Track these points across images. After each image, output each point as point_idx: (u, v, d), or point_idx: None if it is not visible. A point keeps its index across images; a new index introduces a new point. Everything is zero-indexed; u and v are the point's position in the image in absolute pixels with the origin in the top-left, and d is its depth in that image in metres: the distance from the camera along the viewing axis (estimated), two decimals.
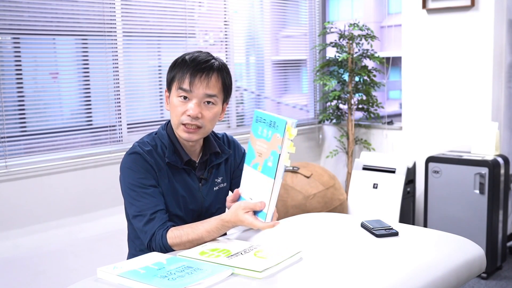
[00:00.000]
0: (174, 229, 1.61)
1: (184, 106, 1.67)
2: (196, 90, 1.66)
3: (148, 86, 3.54)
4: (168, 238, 1.59)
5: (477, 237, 3.41)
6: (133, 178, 1.66)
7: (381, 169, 3.94)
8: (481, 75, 3.73)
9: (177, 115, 1.68)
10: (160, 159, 1.71)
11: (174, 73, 1.69)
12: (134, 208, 1.65)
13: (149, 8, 3.45)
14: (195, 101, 1.66)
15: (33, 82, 3.03)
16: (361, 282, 1.34)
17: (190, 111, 1.65)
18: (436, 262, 1.49)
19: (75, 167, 3.08)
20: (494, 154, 3.54)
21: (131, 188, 1.66)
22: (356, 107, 4.29)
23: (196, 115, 1.66)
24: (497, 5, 3.66)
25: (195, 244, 1.58)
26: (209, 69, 1.67)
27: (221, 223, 1.57)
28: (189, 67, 1.66)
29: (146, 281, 1.29)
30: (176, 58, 1.74)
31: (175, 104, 1.68)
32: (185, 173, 1.75)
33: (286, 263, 1.41)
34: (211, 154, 1.80)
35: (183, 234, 1.59)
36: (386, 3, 4.60)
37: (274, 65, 4.48)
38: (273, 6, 4.37)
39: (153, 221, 1.62)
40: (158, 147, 1.73)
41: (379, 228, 1.69)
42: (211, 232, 1.58)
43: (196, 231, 1.58)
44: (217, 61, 1.71)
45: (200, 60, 1.68)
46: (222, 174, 1.84)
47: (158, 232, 1.61)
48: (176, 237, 1.59)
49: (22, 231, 2.88)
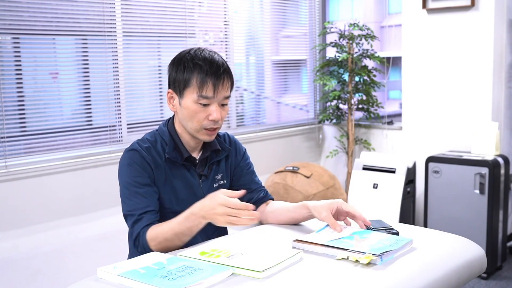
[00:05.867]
0: (154, 227, 1.61)
1: (206, 111, 1.66)
2: (218, 95, 1.66)
3: (148, 86, 3.54)
4: (147, 236, 1.60)
5: (477, 237, 3.41)
6: (127, 176, 1.67)
7: (381, 169, 3.94)
8: (481, 75, 3.73)
9: (198, 121, 1.67)
10: (158, 156, 1.71)
11: (188, 76, 1.65)
12: (125, 207, 1.67)
13: (149, 8, 3.45)
14: (216, 105, 1.67)
15: (33, 82, 3.03)
16: (361, 282, 1.34)
17: (213, 115, 1.66)
18: (436, 262, 1.49)
19: (75, 167, 3.08)
20: (494, 154, 3.54)
21: (125, 186, 1.67)
22: (356, 107, 4.29)
23: (219, 119, 1.68)
24: (497, 5, 3.66)
25: (173, 242, 1.58)
26: (225, 73, 1.68)
27: (189, 211, 1.56)
28: (209, 73, 1.64)
29: (146, 281, 1.28)
30: (180, 57, 1.70)
31: (194, 109, 1.66)
32: (185, 169, 1.75)
33: (286, 263, 1.41)
34: (212, 152, 1.81)
35: (159, 232, 1.59)
36: (386, 3, 4.60)
37: (274, 65, 4.48)
38: (273, 6, 4.37)
39: (140, 221, 1.63)
40: (158, 143, 1.73)
41: (379, 228, 1.69)
42: (181, 223, 1.56)
43: (170, 225, 1.58)
44: (222, 59, 1.71)
45: (216, 64, 1.66)
46: (222, 171, 1.84)
47: (141, 232, 1.61)
48: (153, 237, 1.59)
49: (22, 231, 2.88)
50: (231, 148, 1.87)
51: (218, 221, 1.52)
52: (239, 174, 1.89)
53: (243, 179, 1.89)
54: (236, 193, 1.53)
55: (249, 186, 1.90)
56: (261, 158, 4.11)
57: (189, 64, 1.66)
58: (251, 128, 4.18)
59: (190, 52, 1.70)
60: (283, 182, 3.86)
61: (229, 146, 1.86)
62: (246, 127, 4.16)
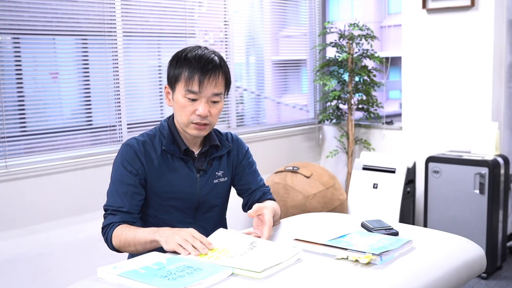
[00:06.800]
0: (124, 226, 1.67)
1: (193, 106, 1.70)
2: (205, 91, 1.69)
3: (148, 86, 3.54)
4: (114, 231, 1.66)
5: (477, 237, 3.41)
6: (115, 172, 1.75)
7: (381, 169, 3.94)
8: (481, 75, 3.73)
9: (186, 115, 1.71)
10: (153, 149, 1.75)
11: (179, 71, 1.70)
12: (107, 200, 1.73)
13: (149, 8, 3.45)
14: (204, 100, 1.70)
15: (33, 82, 3.03)
16: (360, 281, 1.34)
17: (200, 110, 1.69)
18: (436, 262, 1.49)
19: (75, 167, 3.08)
20: (494, 154, 3.54)
21: (112, 181, 1.75)
22: (356, 107, 4.29)
23: (206, 115, 1.70)
24: (497, 5, 3.66)
25: (131, 247, 1.63)
26: (215, 69, 1.70)
27: (154, 229, 1.59)
28: (196, 68, 1.68)
29: (146, 281, 1.28)
30: (177, 53, 1.75)
31: (182, 104, 1.71)
32: (183, 163, 1.77)
33: (285, 263, 1.41)
34: (211, 147, 1.82)
35: (124, 231, 1.64)
36: (386, 3, 4.60)
37: (274, 65, 4.48)
38: (273, 6, 4.37)
39: (114, 216, 1.69)
40: (156, 137, 1.77)
41: (379, 228, 1.69)
42: (137, 236, 1.59)
43: (135, 230, 1.62)
44: (217, 57, 1.73)
45: (206, 60, 1.69)
46: (224, 168, 1.86)
47: (112, 225, 1.68)
48: (118, 233, 1.65)
49: (22, 231, 2.88)
50: (233, 145, 1.89)
51: (171, 241, 1.50)
52: (241, 173, 1.89)
53: (245, 179, 1.90)
54: (207, 243, 1.51)
55: (249, 187, 1.90)
56: (261, 158, 4.10)
57: (181, 60, 1.71)
58: (251, 128, 4.18)
59: (186, 49, 1.74)
60: (283, 182, 3.86)
61: (230, 143, 1.87)
62: (246, 127, 4.16)
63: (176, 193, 1.76)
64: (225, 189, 1.87)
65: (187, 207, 1.79)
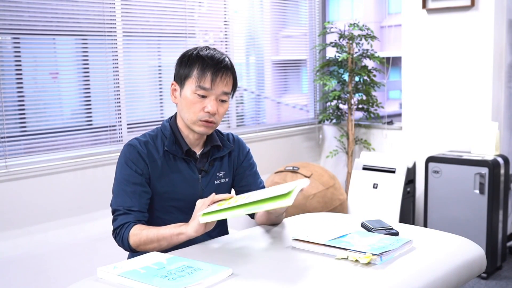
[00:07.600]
0: (141, 225, 1.67)
1: (202, 103, 1.71)
2: (216, 88, 1.71)
3: (148, 86, 3.54)
4: (131, 230, 1.65)
5: (477, 237, 3.41)
6: (120, 172, 1.74)
7: (381, 169, 3.94)
8: (481, 75, 3.73)
9: (194, 112, 1.72)
10: (156, 150, 1.75)
11: (190, 68, 1.72)
12: (114, 201, 1.73)
13: (149, 8, 3.45)
14: (213, 98, 1.72)
15: (33, 82, 3.03)
16: (360, 281, 1.34)
17: (209, 107, 1.71)
18: (436, 262, 1.49)
19: (75, 167, 3.08)
20: (494, 154, 3.54)
21: (118, 181, 1.74)
22: (356, 107, 4.29)
23: (215, 112, 1.72)
24: (497, 5, 3.66)
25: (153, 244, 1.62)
26: (226, 69, 1.73)
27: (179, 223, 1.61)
28: (209, 65, 1.70)
29: (146, 281, 1.29)
30: (187, 51, 1.77)
31: (191, 100, 1.72)
32: (185, 163, 1.78)
33: (298, 187, 1.43)
34: (213, 147, 1.83)
35: (143, 229, 1.64)
36: (386, 3, 4.60)
37: (274, 65, 4.48)
38: (273, 6, 4.37)
39: (127, 216, 1.69)
40: (158, 138, 1.78)
41: (379, 228, 1.69)
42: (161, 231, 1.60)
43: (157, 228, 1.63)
44: (228, 59, 1.77)
45: (218, 59, 1.73)
46: (225, 169, 1.86)
47: (127, 225, 1.67)
48: (136, 232, 1.64)
49: (22, 231, 2.88)
50: (234, 146, 1.89)
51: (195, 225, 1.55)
52: (241, 174, 1.89)
53: (245, 180, 1.90)
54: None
55: (249, 188, 1.90)
56: (261, 158, 4.10)
57: (193, 57, 1.74)
58: (251, 128, 4.18)
59: (197, 48, 1.77)
60: (283, 182, 3.86)
61: (232, 144, 1.88)
62: (246, 127, 4.16)
63: (177, 194, 1.76)
64: (226, 189, 1.87)
65: (189, 208, 1.78)
